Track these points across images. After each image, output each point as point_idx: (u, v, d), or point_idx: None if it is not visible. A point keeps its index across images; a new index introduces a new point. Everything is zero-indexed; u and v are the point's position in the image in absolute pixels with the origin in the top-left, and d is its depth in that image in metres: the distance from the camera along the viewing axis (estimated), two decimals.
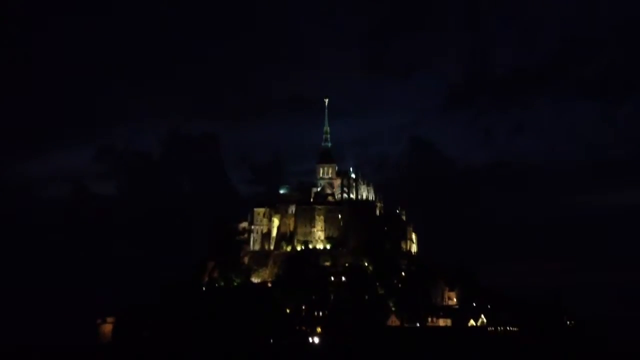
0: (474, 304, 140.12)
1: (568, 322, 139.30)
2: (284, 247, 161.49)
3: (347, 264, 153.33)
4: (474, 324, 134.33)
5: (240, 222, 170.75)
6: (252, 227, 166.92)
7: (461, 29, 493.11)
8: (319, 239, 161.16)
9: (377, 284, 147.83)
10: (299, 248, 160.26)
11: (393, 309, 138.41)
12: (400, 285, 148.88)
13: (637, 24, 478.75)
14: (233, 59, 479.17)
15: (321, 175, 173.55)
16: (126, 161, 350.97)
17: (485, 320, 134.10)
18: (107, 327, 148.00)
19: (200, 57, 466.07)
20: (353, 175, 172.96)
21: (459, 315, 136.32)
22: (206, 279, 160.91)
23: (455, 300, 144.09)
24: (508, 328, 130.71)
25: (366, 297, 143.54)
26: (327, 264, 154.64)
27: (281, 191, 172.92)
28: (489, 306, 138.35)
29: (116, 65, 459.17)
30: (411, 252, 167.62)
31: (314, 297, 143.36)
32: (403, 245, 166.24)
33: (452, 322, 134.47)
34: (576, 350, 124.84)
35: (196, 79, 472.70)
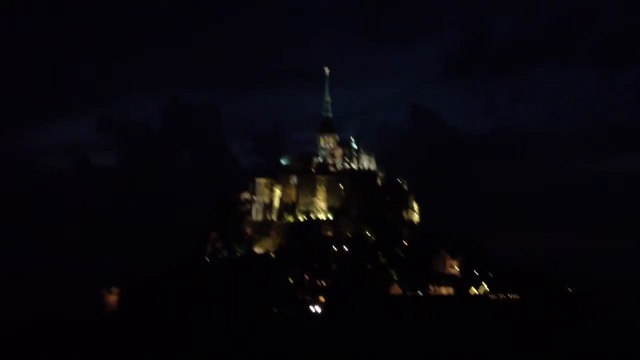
0: (476, 273, 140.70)
1: (570, 289, 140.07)
2: (286, 218, 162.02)
3: (349, 234, 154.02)
4: (476, 292, 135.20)
5: (242, 192, 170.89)
6: (254, 197, 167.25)
7: None
8: (321, 209, 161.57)
9: (379, 253, 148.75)
10: (301, 218, 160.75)
11: (395, 278, 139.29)
12: (402, 255, 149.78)
13: None
14: (233, 29, 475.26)
15: (322, 145, 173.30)
16: (126, 132, 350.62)
17: (487, 288, 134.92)
18: (112, 298, 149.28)
19: (200, 27, 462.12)
20: (354, 145, 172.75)
21: (461, 283, 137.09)
22: (209, 249, 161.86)
23: (457, 268, 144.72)
24: (509, 296, 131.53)
25: (368, 266, 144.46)
26: (329, 233, 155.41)
27: (283, 162, 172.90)
28: (490, 274, 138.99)
29: (116, 35, 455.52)
30: (412, 221, 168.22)
31: (316, 266, 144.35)
32: (404, 215, 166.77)
33: (454, 291, 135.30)
34: (576, 317, 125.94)
35: (196, 49, 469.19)
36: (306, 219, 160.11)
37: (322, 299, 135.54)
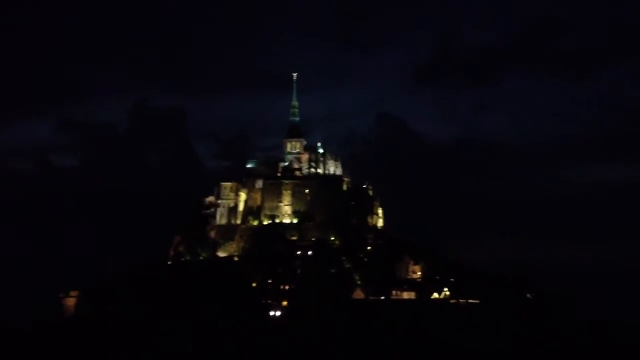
0: (438, 278, 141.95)
1: (529, 295, 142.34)
2: (251, 222, 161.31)
3: (313, 238, 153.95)
4: (437, 296, 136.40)
5: (207, 196, 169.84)
6: (219, 201, 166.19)
7: (429, 6, 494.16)
8: (286, 214, 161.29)
9: (344, 258, 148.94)
10: (265, 222, 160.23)
11: (358, 282, 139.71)
12: (366, 259, 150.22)
13: (605, 3, 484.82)
14: (200, 33, 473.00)
15: (289, 149, 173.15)
16: (90, 133, 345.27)
17: (448, 292, 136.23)
18: (71, 301, 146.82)
19: (168, 29, 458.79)
20: (321, 150, 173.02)
21: (423, 288, 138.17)
22: (172, 253, 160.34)
23: (419, 273, 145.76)
24: (470, 300, 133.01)
25: (332, 270, 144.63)
26: (294, 238, 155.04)
27: (248, 165, 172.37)
28: (452, 279, 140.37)
29: (81, 35, 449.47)
30: (377, 227, 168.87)
31: (280, 270, 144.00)
32: (369, 220, 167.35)
33: (416, 295, 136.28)
34: (532, 321, 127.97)
35: (164, 51, 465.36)
36: (271, 223, 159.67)
37: (285, 303, 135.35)
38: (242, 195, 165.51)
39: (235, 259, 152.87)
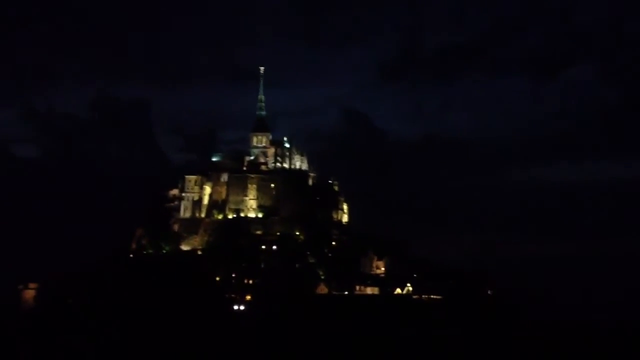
0: (401, 273, 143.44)
1: (489, 292, 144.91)
2: (216, 215, 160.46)
3: (278, 233, 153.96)
4: (400, 292, 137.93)
5: (171, 189, 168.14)
6: (183, 194, 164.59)
7: (395, 4, 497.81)
8: (251, 208, 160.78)
9: (308, 253, 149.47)
10: (230, 216, 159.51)
11: (322, 277, 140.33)
12: (330, 255, 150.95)
13: (567, 4, 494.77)
14: (167, 23, 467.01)
15: (255, 144, 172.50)
16: (51, 123, 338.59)
17: (410, 288, 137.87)
18: (30, 293, 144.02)
19: (134, 20, 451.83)
20: (287, 145, 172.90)
21: (386, 283, 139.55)
22: (134, 246, 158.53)
23: (383, 269, 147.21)
24: (432, 296, 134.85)
25: (297, 265, 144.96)
26: (259, 232, 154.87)
27: (214, 159, 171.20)
28: (415, 275, 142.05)
29: (42, 23, 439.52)
30: (342, 222, 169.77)
31: (244, 265, 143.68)
32: (334, 216, 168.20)
33: (379, 291, 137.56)
34: (491, 318, 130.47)
35: (126, 42, 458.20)
36: (236, 217, 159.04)
37: (249, 297, 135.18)
38: (207, 189, 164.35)
39: (199, 252, 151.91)
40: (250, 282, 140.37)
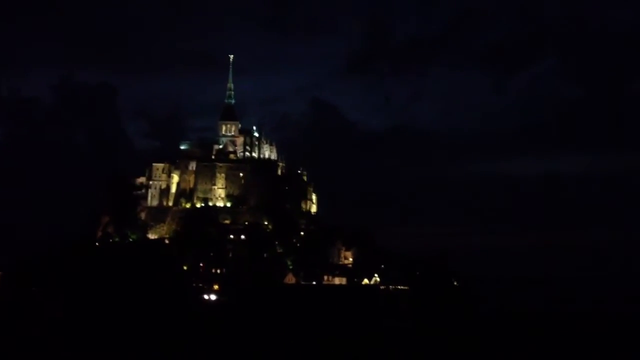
0: (369, 264, 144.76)
1: (455, 282, 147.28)
2: (183, 204, 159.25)
3: (246, 222, 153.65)
4: (368, 282, 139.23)
5: (138, 176, 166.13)
6: (150, 182, 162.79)
7: None
8: (220, 197, 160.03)
9: (276, 242, 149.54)
10: (198, 205, 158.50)
11: (290, 267, 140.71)
12: (298, 245, 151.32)
13: None
14: (136, 8, 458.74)
15: (224, 132, 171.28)
16: (13, 108, 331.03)
17: (378, 279, 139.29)
18: None
19: (101, 5, 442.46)
20: (256, 134, 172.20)
21: (354, 274, 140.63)
22: (100, 234, 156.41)
23: (350, 259, 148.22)
24: (399, 287, 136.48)
25: (265, 255, 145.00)
26: (227, 222, 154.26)
27: (182, 147, 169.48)
28: (382, 266, 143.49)
29: (5, 5, 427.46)
30: (310, 212, 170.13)
31: (212, 254, 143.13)
32: (303, 205, 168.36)
33: (347, 281, 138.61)
34: (457, 308, 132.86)
35: (93, 27, 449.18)
36: (204, 206, 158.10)
37: (217, 287, 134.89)
38: (175, 177, 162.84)
39: (167, 241, 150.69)
40: (218, 271, 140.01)
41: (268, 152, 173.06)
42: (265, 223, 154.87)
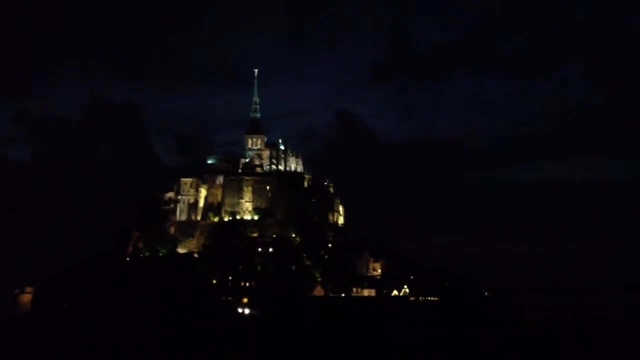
0: (397, 275, 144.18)
1: (485, 293, 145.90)
2: (211, 218, 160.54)
3: (274, 235, 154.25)
4: (397, 293, 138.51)
5: (166, 192, 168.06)
6: (179, 197, 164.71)
7: (382, 5, 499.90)
8: (247, 210, 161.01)
9: (304, 255, 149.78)
10: (226, 219, 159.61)
11: (319, 279, 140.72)
12: (326, 256, 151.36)
13: (553, 5, 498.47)
14: (158, 27, 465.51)
15: (250, 146, 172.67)
16: (43, 127, 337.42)
17: (407, 290, 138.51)
18: (26, 297, 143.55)
19: (124, 22, 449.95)
20: (282, 147, 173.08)
21: (383, 285, 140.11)
22: (130, 249, 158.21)
23: (379, 271, 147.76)
24: (429, 298, 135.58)
25: (293, 267, 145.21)
26: (255, 235, 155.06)
27: (209, 161, 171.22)
28: (411, 277, 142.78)
29: (37, 28, 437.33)
30: (338, 224, 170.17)
31: (240, 267, 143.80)
32: (330, 217, 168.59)
33: (376, 292, 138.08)
34: (491, 318, 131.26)
35: (119, 45, 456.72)
36: (231, 219, 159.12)
37: (246, 300, 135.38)
38: (203, 192, 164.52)
39: (195, 255, 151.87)
40: (247, 284, 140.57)
41: (294, 165, 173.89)
42: (293, 235, 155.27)
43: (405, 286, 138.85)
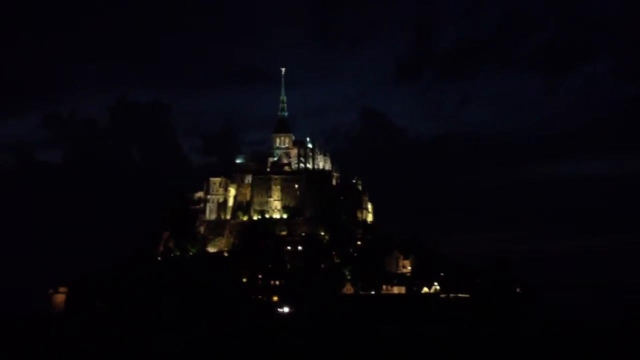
0: (427, 272, 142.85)
1: (517, 290, 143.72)
2: (241, 217, 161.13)
3: (303, 234, 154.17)
4: (428, 291, 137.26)
5: (195, 191, 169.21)
6: (208, 196, 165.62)
7: (407, 3, 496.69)
8: (276, 209, 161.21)
9: (333, 253, 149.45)
10: (255, 217, 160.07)
11: (348, 277, 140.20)
12: (355, 254, 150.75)
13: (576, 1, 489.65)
14: (186, 27, 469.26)
15: (278, 144, 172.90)
16: (72, 129, 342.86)
17: (438, 287, 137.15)
18: (60, 297, 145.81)
19: (151, 24, 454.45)
20: (310, 145, 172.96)
21: (413, 282, 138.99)
22: (161, 248, 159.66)
23: (409, 268, 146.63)
24: (459, 295, 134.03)
25: (322, 265, 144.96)
26: (284, 233, 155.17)
27: (237, 161, 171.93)
28: (441, 274, 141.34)
29: (65, 32, 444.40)
30: (366, 221, 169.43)
31: (270, 266, 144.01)
32: (359, 215, 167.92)
33: (406, 290, 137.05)
34: (523, 316, 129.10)
35: (146, 47, 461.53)
36: (261, 218, 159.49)
37: (276, 298, 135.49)
38: (232, 191, 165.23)
39: (225, 254, 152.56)
40: (277, 282, 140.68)
41: (322, 163, 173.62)
42: (322, 233, 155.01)
43: (436, 283, 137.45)
